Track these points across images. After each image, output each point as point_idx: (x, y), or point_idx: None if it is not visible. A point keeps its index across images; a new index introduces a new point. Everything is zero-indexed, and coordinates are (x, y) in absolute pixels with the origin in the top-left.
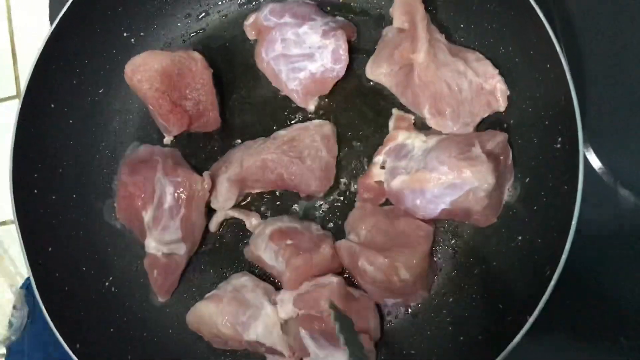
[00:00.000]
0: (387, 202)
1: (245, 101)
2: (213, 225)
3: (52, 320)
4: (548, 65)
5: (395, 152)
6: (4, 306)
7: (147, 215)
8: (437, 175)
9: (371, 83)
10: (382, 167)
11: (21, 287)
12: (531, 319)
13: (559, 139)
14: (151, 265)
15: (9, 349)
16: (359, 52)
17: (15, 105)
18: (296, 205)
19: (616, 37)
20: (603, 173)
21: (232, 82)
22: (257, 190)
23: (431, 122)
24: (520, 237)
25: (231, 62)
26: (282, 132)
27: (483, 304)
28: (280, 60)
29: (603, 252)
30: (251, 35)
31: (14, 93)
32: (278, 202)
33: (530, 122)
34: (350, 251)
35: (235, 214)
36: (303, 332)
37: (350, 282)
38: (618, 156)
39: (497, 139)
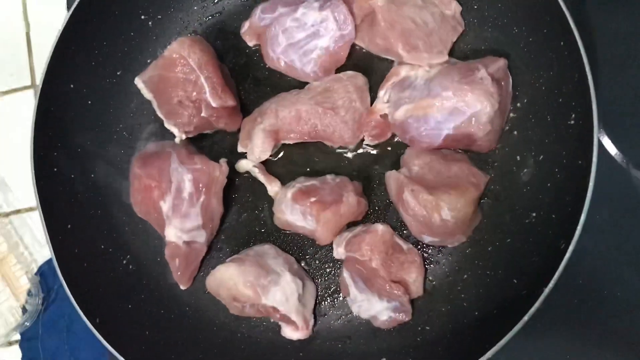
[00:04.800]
0: None
1: (262, 83)
2: (240, 167)
3: (72, 295)
4: (562, 43)
5: (399, 84)
6: (19, 293)
7: (166, 205)
8: (440, 101)
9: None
10: (387, 102)
11: (36, 274)
12: (547, 290)
13: (573, 115)
14: (172, 254)
15: (22, 334)
16: None
17: (30, 96)
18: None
19: (631, 23)
20: (617, 156)
21: (247, 64)
22: (291, 142)
23: (407, 58)
24: (534, 214)
25: (245, 46)
26: (316, 83)
27: (498, 280)
28: (289, 51)
29: (614, 236)
30: (251, 42)
31: (29, 83)
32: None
33: (544, 100)
34: (397, 182)
35: (260, 176)
36: (345, 273)
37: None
38: (631, 140)
39: (497, 64)
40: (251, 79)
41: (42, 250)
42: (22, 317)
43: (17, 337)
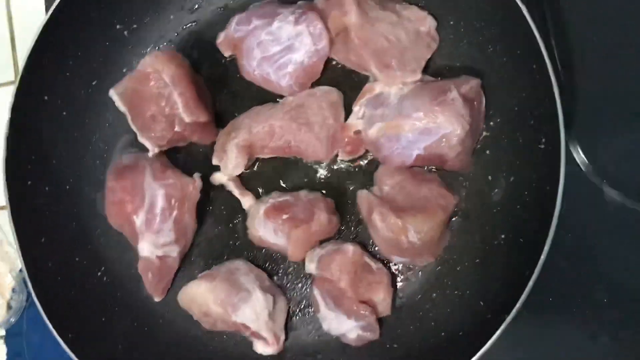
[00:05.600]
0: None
1: (238, 94)
2: (215, 180)
3: (44, 310)
4: (534, 66)
5: (373, 100)
6: (4, 289)
7: (139, 220)
8: (411, 121)
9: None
10: (361, 118)
11: (20, 271)
12: (508, 319)
13: (543, 140)
14: (145, 268)
15: (7, 330)
16: None
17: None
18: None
19: (607, 38)
20: (589, 172)
21: (223, 75)
22: (265, 156)
23: (380, 77)
24: (503, 235)
25: (221, 56)
26: (290, 98)
27: (465, 300)
28: (264, 64)
29: (588, 251)
30: (227, 52)
31: (12, 79)
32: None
33: (516, 121)
34: (368, 202)
35: (234, 190)
36: (316, 291)
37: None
38: (605, 155)
39: (470, 84)
40: (227, 90)
41: None
42: (7, 313)
43: (2, 332)
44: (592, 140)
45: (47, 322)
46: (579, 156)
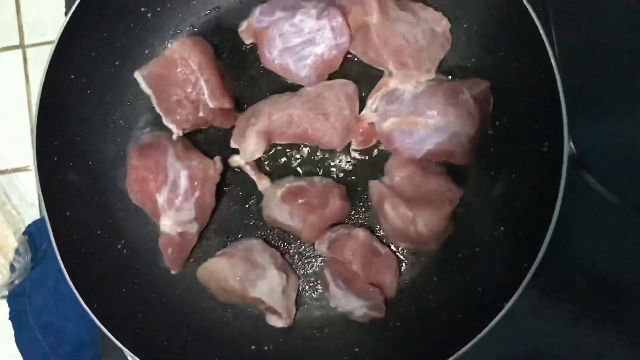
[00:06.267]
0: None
1: (256, 82)
2: (233, 162)
3: (73, 282)
4: (542, 75)
5: (387, 96)
6: (7, 251)
7: (162, 197)
8: (425, 119)
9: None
10: (375, 111)
11: (24, 233)
12: (507, 306)
13: (546, 143)
14: (166, 244)
15: (10, 291)
16: None
17: (19, 55)
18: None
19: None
20: (585, 175)
21: (243, 61)
22: (283, 142)
23: (397, 74)
24: (502, 228)
25: (241, 43)
26: (308, 89)
27: (465, 286)
28: (285, 54)
29: (572, 241)
30: (248, 40)
31: (17, 43)
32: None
33: (521, 124)
34: (379, 192)
35: (251, 173)
36: (327, 271)
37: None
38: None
39: (480, 87)
40: (246, 77)
41: (29, 211)
42: (10, 275)
43: (5, 292)
44: (580, 137)
45: (76, 292)
46: (570, 150)
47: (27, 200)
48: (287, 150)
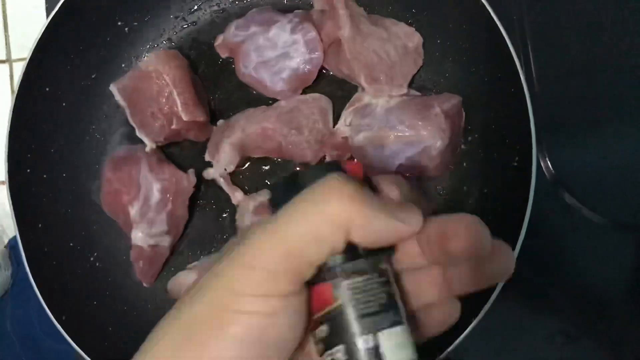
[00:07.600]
0: None
1: (232, 95)
2: (207, 175)
3: (40, 293)
4: (512, 90)
5: (360, 110)
6: None
7: (134, 210)
8: (396, 133)
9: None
10: (348, 125)
11: (5, 247)
12: (475, 321)
13: (516, 159)
14: (137, 256)
15: None
16: None
17: (5, 70)
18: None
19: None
20: (559, 187)
21: (219, 75)
22: (256, 156)
23: (369, 90)
24: None
25: (218, 57)
26: (282, 103)
27: None
28: (260, 69)
29: (550, 258)
30: (224, 54)
31: (4, 58)
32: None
33: (492, 139)
34: None
35: (225, 186)
36: None
37: None
38: (573, 170)
39: (452, 102)
40: (222, 90)
41: (12, 224)
42: None
43: None
44: (558, 154)
45: (44, 304)
46: (547, 168)
47: (8, 212)
48: (262, 164)
